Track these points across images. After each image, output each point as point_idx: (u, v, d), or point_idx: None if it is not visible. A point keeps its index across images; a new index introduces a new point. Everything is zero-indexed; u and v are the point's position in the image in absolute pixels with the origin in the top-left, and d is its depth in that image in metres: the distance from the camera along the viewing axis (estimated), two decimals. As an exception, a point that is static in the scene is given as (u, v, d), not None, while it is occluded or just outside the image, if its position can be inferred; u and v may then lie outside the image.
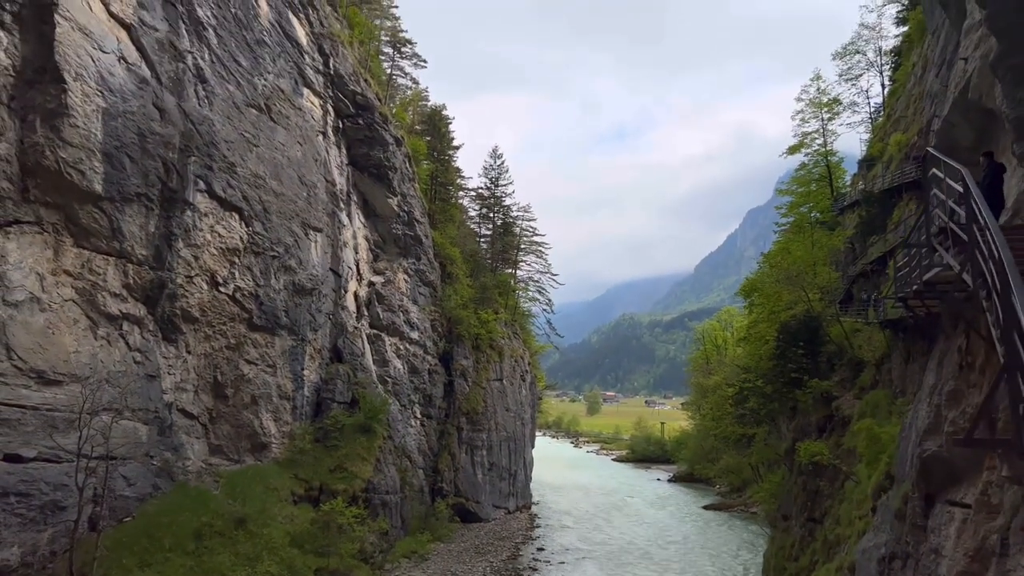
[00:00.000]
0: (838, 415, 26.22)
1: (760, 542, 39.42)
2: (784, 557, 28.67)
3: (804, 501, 27.45)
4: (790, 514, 29.16)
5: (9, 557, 23.09)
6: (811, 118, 50.19)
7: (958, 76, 15.07)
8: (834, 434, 26.19)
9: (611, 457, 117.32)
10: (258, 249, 36.28)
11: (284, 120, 39.08)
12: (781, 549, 29.39)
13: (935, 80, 21.35)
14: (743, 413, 34.37)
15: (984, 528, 8.73)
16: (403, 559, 40.58)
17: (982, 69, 13.14)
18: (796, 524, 28.13)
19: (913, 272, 11.90)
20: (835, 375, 28.09)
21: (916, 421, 12.06)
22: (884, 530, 13.03)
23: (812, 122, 50.10)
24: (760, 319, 37.43)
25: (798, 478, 28.37)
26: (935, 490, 10.73)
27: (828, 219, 42.20)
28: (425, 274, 54.27)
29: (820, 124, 49.92)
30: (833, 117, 50.03)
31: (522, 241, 76.03)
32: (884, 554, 12.30)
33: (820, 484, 25.76)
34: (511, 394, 61.25)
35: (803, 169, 48.86)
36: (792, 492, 29.25)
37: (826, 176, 48.17)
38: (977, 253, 8.33)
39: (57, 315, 26.06)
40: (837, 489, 24.35)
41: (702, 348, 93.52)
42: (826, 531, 24.09)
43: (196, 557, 27.32)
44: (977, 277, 8.42)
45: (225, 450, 35.26)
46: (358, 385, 44.19)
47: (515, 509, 58.98)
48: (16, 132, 25.16)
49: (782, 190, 50.16)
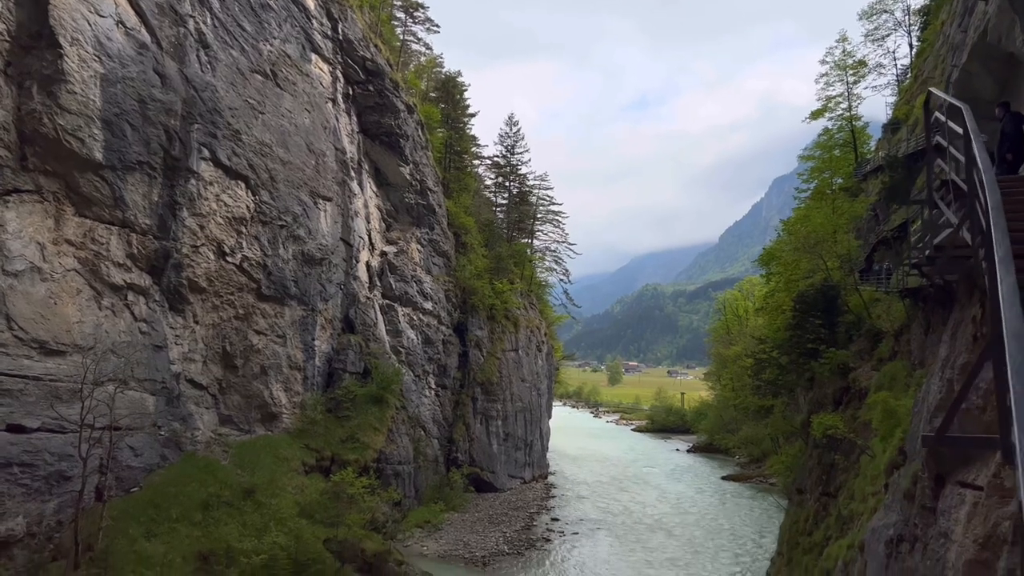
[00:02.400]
0: (855, 387, 25.33)
1: (777, 514, 38.82)
2: (798, 531, 28.02)
3: (819, 475, 26.71)
4: (805, 487, 28.44)
5: (14, 527, 23.11)
6: (835, 81, 48.50)
7: (978, 20, 13.99)
8: (850, 406, 25.32)
9: (630, 427, 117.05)
10: (265, 218, 35.84)
11: (291, 86, 38.38)
12: (795, 523, 28.73)
13: (957, 30, 20.09)
14: (759, 385, 33.54)
15: (996, 514, 7.95)
16: (416, 529, 40.59)
17: (1001, 7, 12.09)
18: (811, 498, 27.41)
19: (925, 236, 11.02)
20: (853, 346, 27.14)
21: (928, 396, 11.27)
22: (894, 510, 12.31)
23: (836, 86, 48.42)
24: (778, 288, 36.47)
25: (813, 451, 27.61)
26: (946, 470, 9.97)
27: (850, 185, 40.88)
28: (439, 244, 53.67)
29: (845, 88, 48.23)
30: (858, 80, 48.31)
31: (539, 210, 75.10)
32: (892, 536, 11.59)
33: (835, 458, 24.99)
34: (527, 365, 60.82)
35: (826, 134, 47.33)
36: (807, 465, 28.50)
37: (850, 141, 46.61)
38: (977, 205, 7.11)
39: (59, 285, 25.84)
40: (852, 463, 23.57)
41: (723, 318, 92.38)
42: (840, 506, 23.36)
43: (203, 527, 27.29)
44: (977, 233, 7.30)
45: (235, 420, 35.19)
46: (370, 355, 43.93)
47: (531, 479, 58.86)
48: (13, 99, 24.75)
49: (804, 156, 48.68)
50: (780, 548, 31.33)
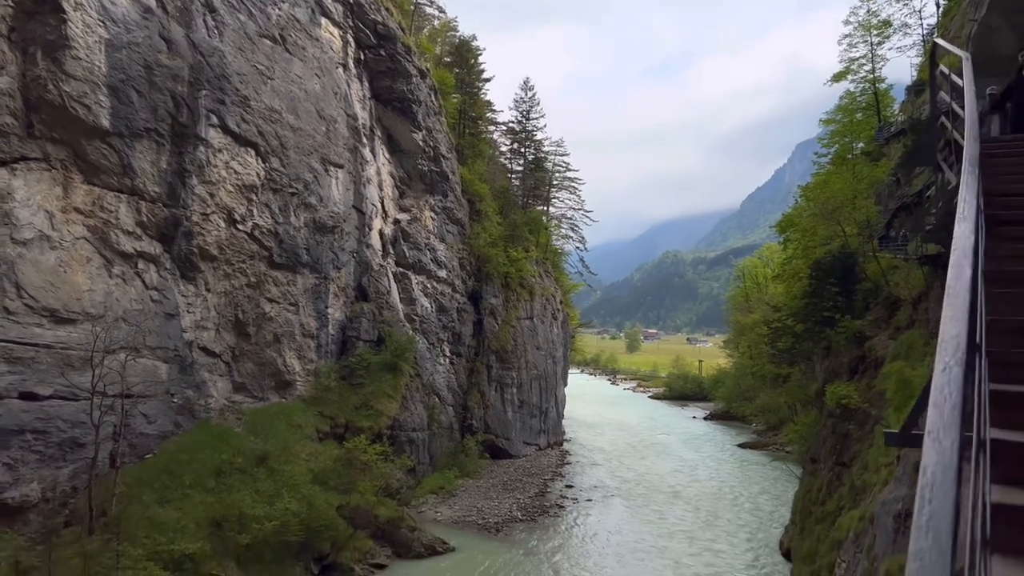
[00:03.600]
0: (871, 356, 24.87)
1: (792, 483, 38.63)
2: (811, 500, 27.81)
3: (833, 444, 26.41)
4: (819, 457, 28.17)
5: (29, 492, 23.42)
6: (859, 42, 47.04)
7: (1000, -32, 13.27)
8: (866, 375, 24.90)
9: (648, 395, 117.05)
10: (276, 186, 35.62)
11: (300, 52, 37.86)
12: (809, 492, 28.51)
13: (981, -17, 19.20)
14: (775, 353, 33.13)
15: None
16: (430, 495, 40.83)
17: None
18: (824, 467, 27.15)
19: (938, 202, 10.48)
20: (870, 314, 26.62)
21: (941, 366, 10.89)
22: (904, 483, 12.02)
23: (860, 47, 46.97)
24: (795, 255, 35.80)
25: (828, 421, 27.29)
26: (956, 443, 9.60)
27: (872, 149, 39.81)
28: (452, 211, 53.27)
29: (868, 49, 46.80)
30: (882, 41, 46.80)
31: (554, 177, 74.27)
32: (900, 510, 11.32)
33: (849, 428, 24.65)
34: (542, 332, 60.64)
35: (848, 97, 46.07)
36: (822, 435, 28.20)
37: (873, 104, 45.35)
38: None
39: (68, 253, 25.85)
40: (867, 433, 23.21)
41: (742, 285, 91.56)
42: (853, 476, 23.08)
43: (216, 494, 27.51)
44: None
45: (249, 388, 35.37)
46: (384, 323, 43.90)
47: (546, 446, 59.02)
48: (18, 65, 24.56)
49: (826, 119, 47.51)
50: (793, 517, 31.20)
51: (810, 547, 25.95)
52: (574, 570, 30.82)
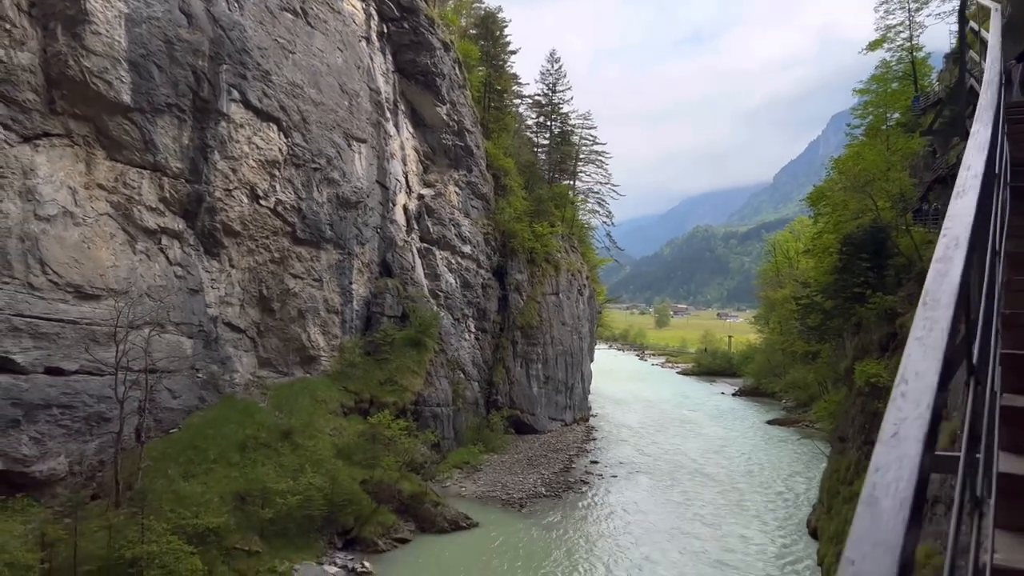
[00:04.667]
0: (902, 333, 24.17)
1: (821, 461, 38.09)
2: (839, 480, 27.33)
3: (862, 423, 25.83)
4: (847, 436, 27.60)
5: (56, 466, 23.80)
6: (896, 9, 45.32)
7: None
8: (897, 353, 24.21)
9: (676, 370, 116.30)
10: (299, 161, 35.50)
11: (322, 25, 37.50)
12: (836, 471, 28.01)
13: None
14: (803, 330, 32.42)
15: None
16: (455, 470, 40.94)
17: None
18: (853, 447, 26.60)
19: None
20: (902, 290, 25.80)
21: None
22: (932, 466, 11.55)
23: (897, 13, 45.21)
24: (826, 230, 34.85)
25: (857, 399, 26.68)
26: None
27: (907, 120, 38.49)
28: (477, 186, 52.85)
29: (906, 15, 45.08)
30: (921, 7, 45.05)
31: (581, 151, 73.31)
32: (928, 495, 10.90)
33: (879, 406, 24.01)
34: (567, 308, 60.25)
35: (883, 67, 44.49)
36: (850, 413, 27.61)
37: (909, 74, 43.77)
38: None
39: (92, 229, 26.00)
40: (897, 412, 22.57)
41: (773, 260, 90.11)
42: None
43: (240, 468, 27.78)
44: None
45: (274, 363, 35.59)
46: (408, 299, 43.85)
47: (572, 422, 58.88)
48: (38, 41, 24.57)
49: (860, 90, 45.98)
50: (821, 497, 30.72)
51: (837, 527, 25.52)
52: (594, 550, 30.69)
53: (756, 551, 30.02)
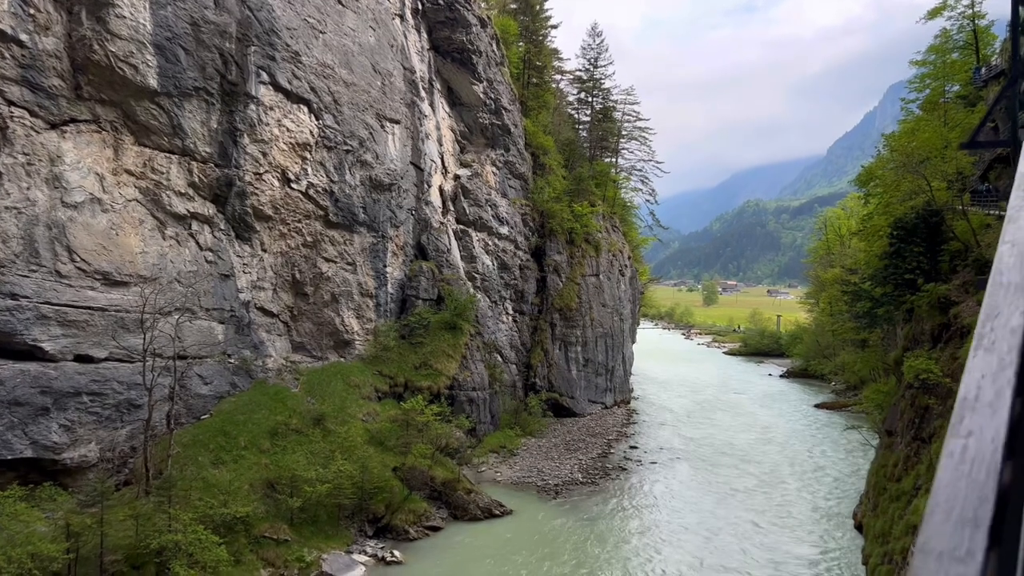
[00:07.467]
0: (955, 324, 22.61)
1: (870, 450, 36.53)
2: (886, 476, 25.98)
3: (911, 418, 24.41)
4: (895, 429, 26.18)
5: (87, 453, 23.94)
6: (958, -28, 42.68)
7: None
8: (950, 345, 22.70)
9: (722, 350, 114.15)
10: (330, 143, 35.02)
11: (354, 3, 36.77)
12: (884, 467, 26.64)
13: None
14: (851, 316, 30.88)
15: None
16: (491, 454, 40.52)
17: None
18: (901, 441, 25.21)
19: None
20: (956, 278, 24.16)
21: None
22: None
23: (959, -23, 42.62)
24: (876, 211, 33.01)
25: (906, 391, 25.21)
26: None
27: (968, 93, 36.17)
28: (515, 166, 51.86)
29: (969, -21, 42.42)
30: (985, -30, 42.31)
31: (624, 127, 71.50)
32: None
33: (929, 401, 22.63)
34: (608, 289, 59.09)
35: (942, 36, 41.92)
36: (899, 406, 26.14)
37: (971, 43, 41.19)
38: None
39: (120, 215, 25.91)
40: (949, 409, 21.18)
41: (824, 238, 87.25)
42: (933, 455, 21.21)
43: (270, 455, 27.70)
44: None
45: (308, 347, 35.46)
46: (444, 282, 43.33)
47: (612, 404, 57.99)
48: (63, 26, 24.38)
49: (917, 61, 43.48)
50: (867, 490, 29.37)
51: (883, 526, 24.28)
52: (626, 548, 29.86)
53: (797, 556, 28.88)
